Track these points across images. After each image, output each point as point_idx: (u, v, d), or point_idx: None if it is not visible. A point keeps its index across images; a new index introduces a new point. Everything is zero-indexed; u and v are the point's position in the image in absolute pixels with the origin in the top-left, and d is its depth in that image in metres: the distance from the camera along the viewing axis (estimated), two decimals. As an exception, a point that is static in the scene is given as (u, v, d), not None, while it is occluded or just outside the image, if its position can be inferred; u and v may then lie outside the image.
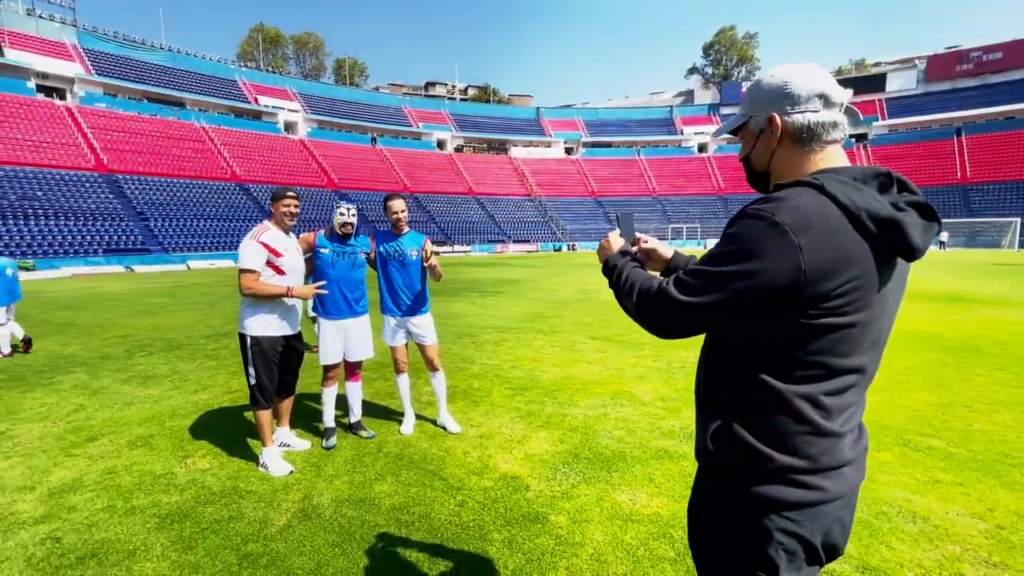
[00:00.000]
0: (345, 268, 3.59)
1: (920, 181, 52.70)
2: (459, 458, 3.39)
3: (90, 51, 43.70)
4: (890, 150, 57.22)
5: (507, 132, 67.27)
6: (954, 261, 23.99)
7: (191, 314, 10.36)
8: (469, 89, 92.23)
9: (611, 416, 4.07)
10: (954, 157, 53.17)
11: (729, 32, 79.29)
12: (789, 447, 1.02)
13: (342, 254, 3.59)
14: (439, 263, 3.68)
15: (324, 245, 3.57)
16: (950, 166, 52.77)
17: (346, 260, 3.59)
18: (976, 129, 54.07)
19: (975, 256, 28.58)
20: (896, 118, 60.17)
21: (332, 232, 3.60)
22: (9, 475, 3.26)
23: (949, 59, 59.67)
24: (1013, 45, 55.81)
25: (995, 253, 32.42)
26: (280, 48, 72.74)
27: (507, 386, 4.95)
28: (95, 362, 6.31)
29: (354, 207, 3.59)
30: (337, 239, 3.60)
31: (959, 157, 52.82)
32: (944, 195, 50.66)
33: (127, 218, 32.61)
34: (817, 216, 0.94)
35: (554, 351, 6.43)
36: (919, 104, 59.88)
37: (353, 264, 3.62)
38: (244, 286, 3.14)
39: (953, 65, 59.14)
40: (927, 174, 53.10)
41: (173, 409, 4.47)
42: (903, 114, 60.03)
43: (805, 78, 1.05)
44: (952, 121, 56.71)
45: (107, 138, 37.90)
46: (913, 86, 61.66)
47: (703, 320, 1.03)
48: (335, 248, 3.58)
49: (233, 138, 46.20)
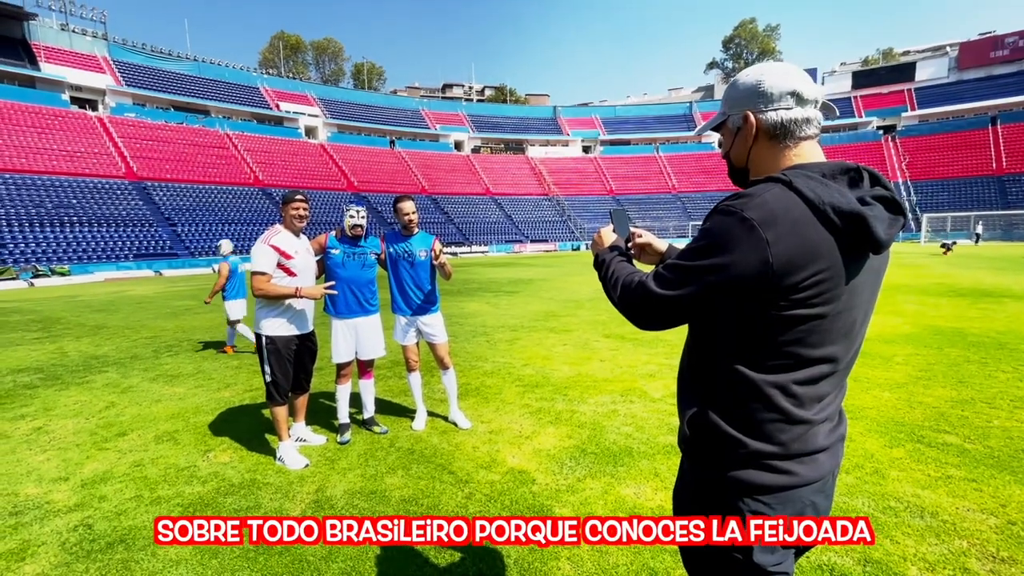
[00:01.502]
0: (355, 268, 3.70)
1: (953, 172, 50.99)
2: (468, 453, 3.47)
3: (120, 63, 45.23)
4: (921, 141, 55.41)
5: (524, 132, 67.28)
6: (988, 255, 23.19)
7: (215, 316, 10.68)
8: (486, 90, 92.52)
9: (620, 413, 4.10)
10: (989, 147, 51.19)
11: (749, 25, 77.92)
12: (761, 433, 1.06)
13: (352, 255, 3.70)
14: (448, 261, 3.76)
15: (335, 246, 3.69)
16: (984, 157, 50.85)
17: (356, 260, 3.71)
18: (1013, 118, 51.93)
19: (1012, 249, 27.56)
20: (927, 108, 58.21)
21: (343, 233, 3.72)
22: (46, 467, 3.46)
23: (983, 45, 57.52)
24: (1052, 29, 53.60)
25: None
26: (300, 54, 74.12)
27: (518, 384, 5.01)
28: (125, 362, 6.59)
29: (364, 209, 3.69)
30: (347, 240, 3.71)
31: (994, 147, 50.84)
32: (978, 186, 48.89)
33: (155, 224, 33.67)
34: (783, 211, 0.98)
35: (566, 349, 6.47)
36: (951, 93, 57.83)
37: (363, 264, 3.73)
38: (255, 287, 3.28)
39: (987, 51, 56.99)
40: (960, 165, 51.32)
41: (197, 406, 4.65)
42: (934, 103, 58.05)
43: (777, 76, 1.09)
44: (987, 110, 54.62)
45: (136, 147, 39.18)
46: (944, 74, 59.62)
47: (680, 312, 1.08)
48: (345, 249, 3.69)
49: (255, 144, 47.27)
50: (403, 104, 66.04)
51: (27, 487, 3.17)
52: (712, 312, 1.06)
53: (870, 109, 61.60)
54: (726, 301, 1.03)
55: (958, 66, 58.93)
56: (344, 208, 3.69)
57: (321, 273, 3.75)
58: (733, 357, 1.07)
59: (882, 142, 57.43)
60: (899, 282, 12.77)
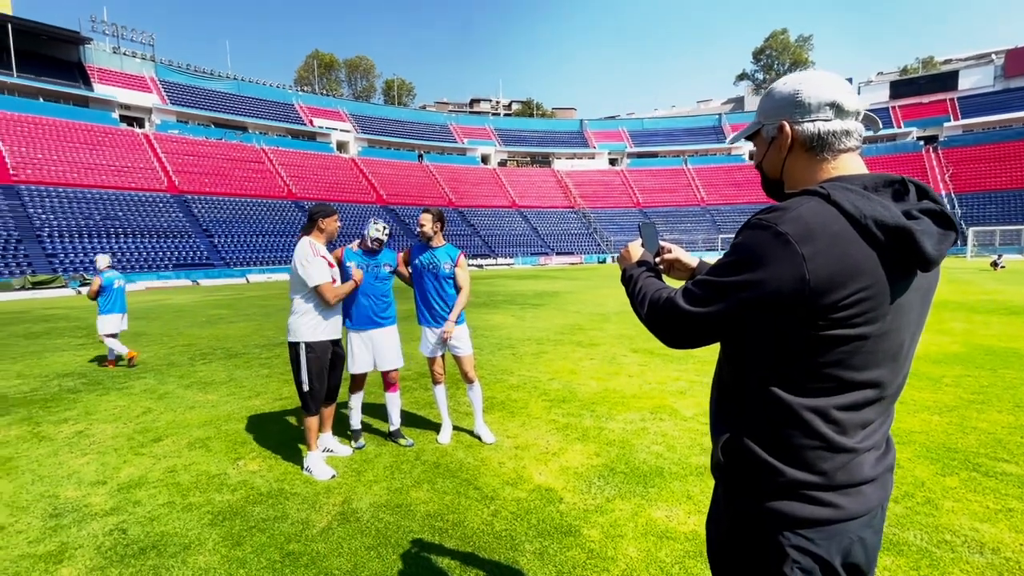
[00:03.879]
0: (370, 280, 3.77)
1: (998, 184, 48.83)
2: (494, 468, 3.42)
3: (165, 82, 47.55)
4: (965, 152, 53.28)
5: (550, 145, 67.60)
6: (1040, 271, 21.97)
7: (248, 325, 10.96)
8: (513, 104, 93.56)
9: (650, 431, 3.99)
10: (1039, 158, 48.92)
11: (781, 35, 76.81)
12: (800, 461, 0.99)
13: (367, 267, 3.76)
14: (451, 331, 3.76)
15: (351, 259, 3.76)
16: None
17: (370, 273, 3.77)
18: (1064, 127, 49.60)
19: (1065, 265, 26.05)
20: (971, 117, 56.03)
21: (361, 245, 3.78)
22: (85, 470, 3.56)
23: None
24: (1104, 35, 51.08)
25: (1089, 262, 29.41)
26: (334, 72, 76.54)
27: (545, 398, 4.94)
28: (162, 369, 6.79)
29: (386, 226, 3.76)
30: (364, 253, 3.78)
31: (1045, 158, 48.56)
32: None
33: (194, 235, 34.98)
34: (821, 225, 0.93)
35: (593, 364, 6.36)
36: (997, 102, 55.57)
37: (377, 277, 3.80)
38: (331, 296, 3.39)
39: (1035, 59, 54.77)
40: (1007, 177, 49.13)
41: (229, 414, 4.74)
42: (978, 113, 55.85)
43: (815, 86, 1.04)
44: (1036, 119, 52.33)
45: (178, 161, 40.95)
46: (990, 83, 57.42)
47: (709, 330, 1.04)
48: (361, 262, 3.76)
49: (290, 158, 48.81)
50: (431, 119, 67.31)
51: (67, 489, 3.26)
52: (743, 330, 1.01)
53: (909, 119, 59.69)
54: (759, 319, 0.97)
55: (1004, 74, 56.70)
56: (371, 221, 3.75)
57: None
58: (768, 378, 1.01)
59: (923, 153, 55.48)
60: (945, 298, 12.20)
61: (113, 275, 7.29)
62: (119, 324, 7.22)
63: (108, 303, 7.13)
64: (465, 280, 3.86)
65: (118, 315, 7.21)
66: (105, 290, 7.12)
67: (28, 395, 5.63)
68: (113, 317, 7.15)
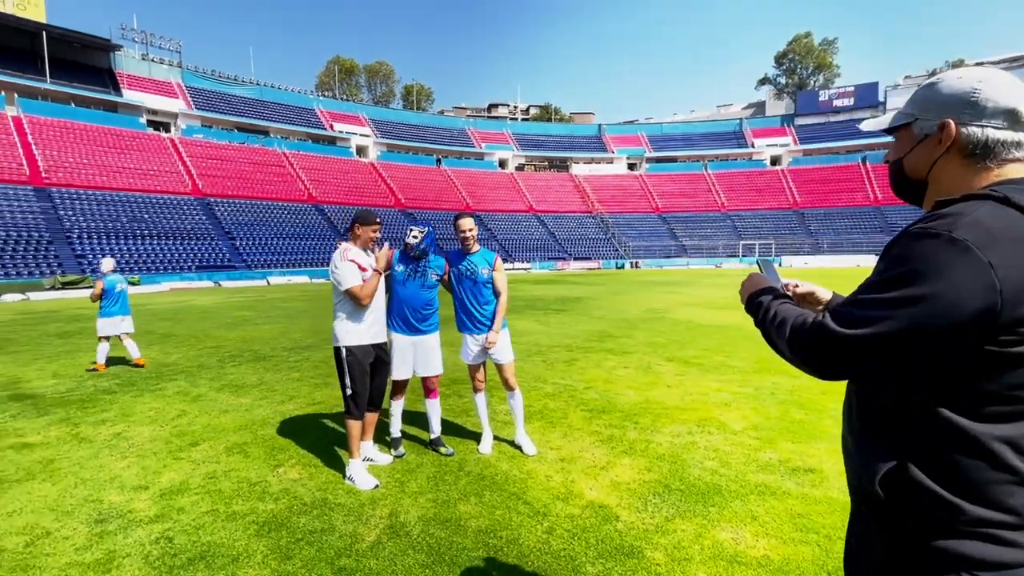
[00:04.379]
0: (415, 287, 3.70)
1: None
2: (542, 482, 3.29)
3: (191, 88, 48.58)
4: (995, 157, 51.86)
5: (568, 150, 67.46)
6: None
7: (273, 327, 11.01)
8: (531, 109, 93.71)
9: (700, 445, 3.83)
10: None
11: (804, 39, 75.74)
12: (983, 497, 0.86)
13: (414, 273, 3.69)
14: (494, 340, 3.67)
15: (400, 263, 3.71)
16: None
17: (417, 280, 3.70)
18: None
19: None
20: (1002, 122, 54.49)
21: (408, 252, 3.70)
22: (127, 474, 3.52)
23: (1066, 56, 53.71)
24: None
25: None
26: (354, 77, 77.49)
27: (583, 408, 4.81)
28: (193, 371, 6.81)
29: (421, 231, 3.65)
30: (411, 259, 3.70)
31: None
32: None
33: (217, 237, 35.56)
34: (1003, 229, 0.83)
35: (628, 372, 6.21)
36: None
37: (423, 284, 3.71)
38: (361, 297, 3.34)
39: (1071, 62, 53.18)
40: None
41: (263, 418, 4.69)
42: (1011, 118, 54.29)
43: (997, 88, 0.92)
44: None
45: (202, 165, 41.74)
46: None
47: (869, 355, 0.91)
48: (408, 268, 3.69)
49: (310, 162, 49.46)
50: (450, 124, 67.73)
51: (111, 494, 3.22)
52: (907, 353, 0.89)
53: (938, 124, 58.27)
54: (929, 338, 0.85)
55: (1038, 77, 55.16)
56: (408, 228, 3.69)
57: (386, 289, 3.74)
58: (936, 399, 0.89)
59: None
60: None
61: (116, 278, 7.36)
62: (117, 326, 7.25)
63: (108, 305, 7.20)
64: (503, 284, 3.77)
65: (117, 317, 7.25)
66: (107, 293, 7.18)
67: (65, 395, 5.67)
68: (112, 320, 7.20)
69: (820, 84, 74.02)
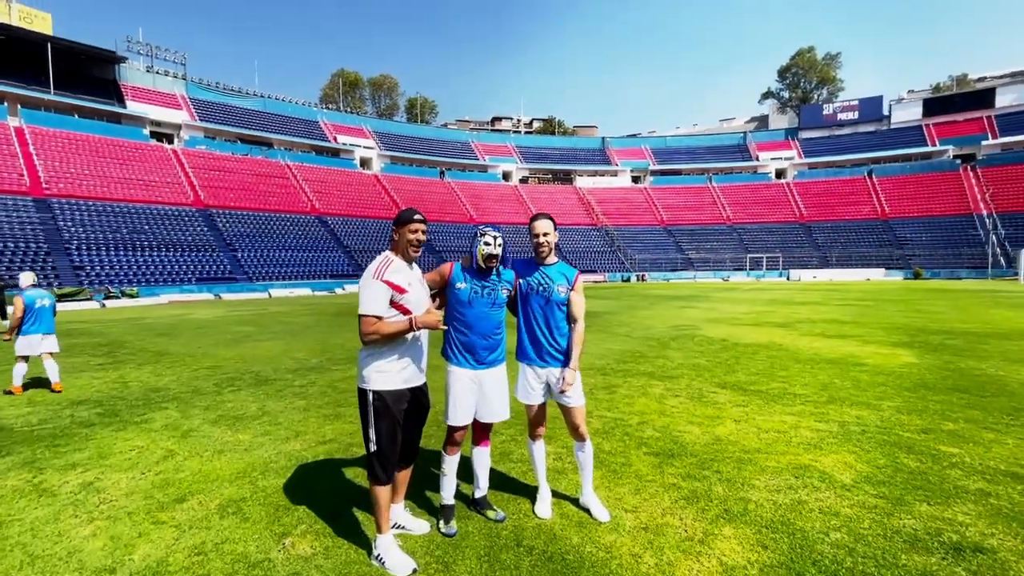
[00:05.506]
0: (484, 307, 2.91)
1: (1040, 204, 46.84)
2: (628, 563, 2.53)
3: (195, 100, 48.40)
4: (1005, 171, 51.51)
5: (572, 162, 67.25)
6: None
7: (275, 344, 10.26)
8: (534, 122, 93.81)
9: (811, 505, 3.06)
10: (1086, 176, 46.94)
11: (808, 54, 75.98)
12: None
13: (481, 290, 2.91)
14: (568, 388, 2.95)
15: (460, 279, 2.92)
16: (1081, 187, 46.60)
17: (486, 298, 2.91)
18: (1114, 145, 47.63)
19: None
20: (1010, 135, 54.28)
21: (471, 263, 2.95)
22: (90, 547, 2.76)
23: (1070, 70, 53.56)
24: None
25: None
26: (358, 90, 77.66)
27: (645, 449, 4.04)
28: (186, 396, 6.05)
29: (500, 236, 2.91)
30: (476, 273, 2.94)
31: (1093, 176, 46.56)
32: (1076, 220, 44.61)
33: (218, 249, 34.94)
34: None
35: (681, 402, 5.44)
36: (1038, 120, 53.76)
37: (493, 303, 2.93)
38: (365, 332, 2.52)
39: (1076, 76, 52.99)
40: (1052, 196, 47.16)
41: (265, 462, 3.93)
42: (1018, 131, 54.03)
43: None
44: (1080, 137, 50.44)
45: (204, 176, 41.32)
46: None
47: None
48: (473, 283, 2.91)
49: (313, 174, 49.08)
50: (453, 136, 67.60)
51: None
52: None
53: (944, 138, 58.06)
54: None
55: (1045, 91, 54.94)
56: (477, 233, 2.91)
57: (440, 308, 3.00)
58: None
59: (960, 172, 53.74)
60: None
61: (37, 294, 6.62)
62: (38, 346, 6.50)
63: (31, 323, 6.49)
64: (581, 309, 3.03)
65: (37, 336, 6.51)
66: (28, 309, 6.46)
67: (36, 429, 4.91)
68: (31, 339, 6.47)
69: (824, 98, 74.00)
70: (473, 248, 2.91)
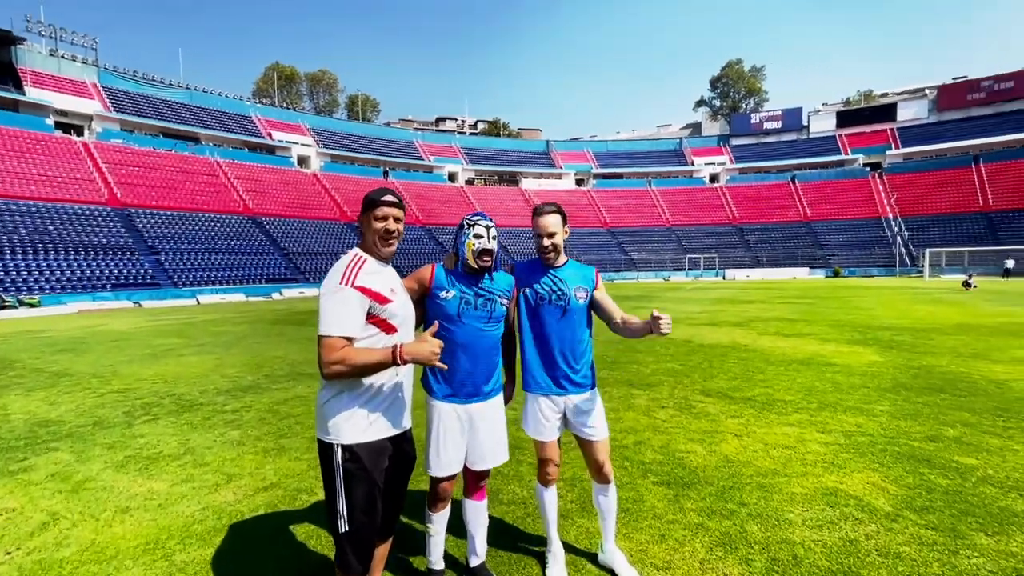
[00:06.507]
0: (478, 322, 2.23)
1: (940, 208, 51.69)
2: (682, 651, 1.96)
3: (109, 89, 44.05)
4: (907, 178, 56.46)
5: (518, 164, 67.27)
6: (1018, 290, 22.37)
7: (204, 359, 9.02)
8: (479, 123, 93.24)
9: (864, 546, 2.63)
10: (974, 184, 52.35)
11: (736, 66, 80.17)
12: None
13: (474, 300, 2.22)
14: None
15: (445, 286, 2.22)
16: (970, 193, 51.87)
17: (480, 311, 2.23)
18: (994, 157, 53.46)
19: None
20: (910, 147, 59.72)
21: (458, 265, 2.27)
22: None
23: (960, 89, 59.71)
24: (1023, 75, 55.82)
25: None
26: (295, 85, 73.97)
27: (653, 478, 3.52)
28: (85, 433, 4.93)
29: (494, 225, 2.24)
30: (465, 276, 2.26)
31: (979, 185, 51.95)
32: (967, 222, 49.53)
33: (137, 252, 31.80)
34: None
35: (672, 415, 5.00)
36: (933, 133, 59.51)
37: (489, 316, 2.25)
38: (328, 361, 1.73)
39: (964, 95, 59.15)
40: (947, 202, 52.14)
41: (185, 522, 3.06)
42: (917, 143, 59.56)
43: None
44: (968, 149, 56.23)
45: (121, 172, 37.61)
46: (925, 115, 61.52)
47: None
48: (463, 291, 2.22)
49: (246, 172, 46.01)
50: (397, 136, 65.76)
51: None
52: None
53: (856, 147, 62.97)
54: None
55: (937, 108, 60.91)
56: (464, 224, 2.22)
57: (420, 325, 2.29)
58: None
59: (869, 179, 58.37)
60: (979, 322, 11.63)
61: None
62: None
63: None
64: (614, 304, 2.45)
65: None
66: None
67: None
68: None
69: (751, 107, 78.36)
70: (459, 242, 2.22)
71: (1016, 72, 56.66)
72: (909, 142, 60.18)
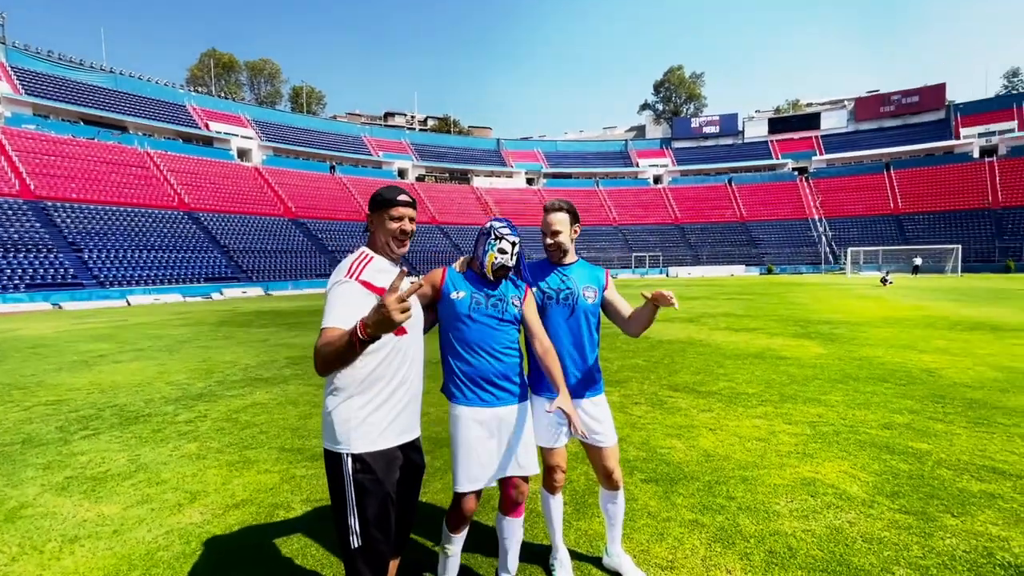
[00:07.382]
0: (490, 320, 2.15)
1: (858, 211, 56.03)
2: (700, 651, 1.97)
3: (18, 69, 40.01)
4: (830, 182, 60.90)
5: (468, 162, 66.94)
6: (925, 286, 24.54)
7: (144, 365, 8.34)
8: (429, 120, 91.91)
9: (849, 533, 2.75)
10: (885, 189, 57.07)
11: (678, 71, 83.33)
12: None
13: (485, 300, 2.16)
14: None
15: (458, 287, 2.15)
16: (883, 198, 56.50)
17: (492, 310, 2.16)
18: (903, 164, 58.55)
19: (942, 282, 29.61)
20: (831, 153, 64.53)
21: (467, 268, 2.21)
22: None
23: (874, 101, 65.02)
24: (926, 90, 61.90)
25: (948, 278, 33.92)
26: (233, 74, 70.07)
27: (640, 475, 3.55)
28: (13, 452, 4.41)
29: (519, 240, 2.16)
30: (476, 278, 2.19)
31: (890, 189, 56.68)
32: (881, 224, 53.92)
33: (56, 249, 29.06)
34: None
35: (646, 411, 5.09)
36: (851, 141, 64.51)
37: (502, 317, 2.17)
38: (325, 356, 1.62)
39: (877, 107, 64.47)
40: (864, 205, 56.53)
41: (148, 549, 2.78)
42: (837, 150, 64.45)
43: None
44: (880, 157, 61.28)
45: (35, 162, 34.26)
46: (844, 125, 66.47)
47: None
48: (474, 291, 2.16)
49: (181, 164, 43.12)
50: (344, 130, 63.72)
51: None
52: None
53: (785, 152, 67.21)
54: None
55: (854, 118, 66.05)
56: (490, 233, 2.13)
57: (432, 326, 2.21)
58: None
59: (797, 182, 62.43)
60: (895, 315, 12.61)
61: None
62: None
63: None
64: (624, 301, 2.42)
65: None
66: None
67: None
68: None
69: (692, 112, 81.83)
70: (481, 252, 2.16)
71: (920, 88, 62.45)
72: (831, 149, 64.91)
